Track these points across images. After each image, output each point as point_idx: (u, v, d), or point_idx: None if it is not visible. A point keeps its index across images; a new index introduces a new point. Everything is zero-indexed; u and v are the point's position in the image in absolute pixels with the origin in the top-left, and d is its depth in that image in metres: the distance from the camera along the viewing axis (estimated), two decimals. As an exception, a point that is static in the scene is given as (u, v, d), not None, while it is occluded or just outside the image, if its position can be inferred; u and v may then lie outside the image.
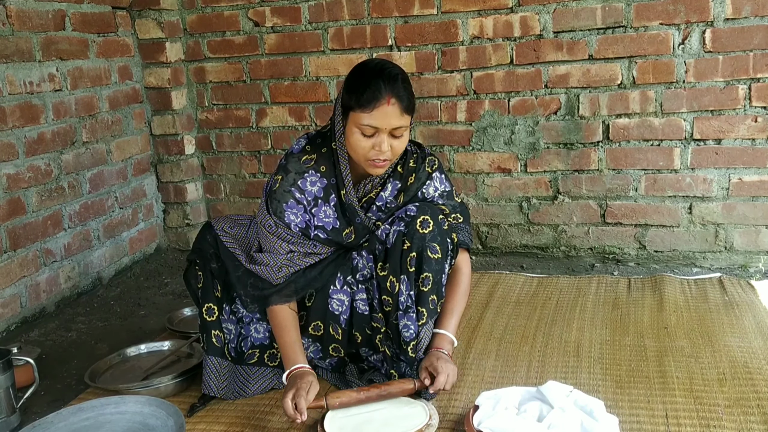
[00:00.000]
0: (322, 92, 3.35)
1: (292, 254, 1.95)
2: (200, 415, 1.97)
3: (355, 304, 2.04)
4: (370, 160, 1.85)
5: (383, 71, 1.83)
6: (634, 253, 3.10)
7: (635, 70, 2.94)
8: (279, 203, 1.95)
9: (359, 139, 1.83)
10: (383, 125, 1.80)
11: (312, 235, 1.97)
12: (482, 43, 3.10)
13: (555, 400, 1.72)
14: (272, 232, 1.95)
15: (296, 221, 1.95)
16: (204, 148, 3.62)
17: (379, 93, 1.78)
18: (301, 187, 1.95)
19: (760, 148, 2.87)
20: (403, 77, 1.85)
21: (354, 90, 1.83)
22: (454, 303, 2.01)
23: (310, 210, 1.96)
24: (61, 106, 2.95)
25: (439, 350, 1.93)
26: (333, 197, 1.97)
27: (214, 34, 3.44)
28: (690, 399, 1.89)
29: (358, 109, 1.81)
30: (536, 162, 3.14)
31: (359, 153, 1.86)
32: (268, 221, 1.95)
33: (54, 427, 1.77)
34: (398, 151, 1.87)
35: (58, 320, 2.83)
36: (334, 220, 1.98)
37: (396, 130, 1.83)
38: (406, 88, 1.83)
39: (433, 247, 1.91)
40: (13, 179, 2.71)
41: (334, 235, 1.99)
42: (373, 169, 1.88)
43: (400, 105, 1.80)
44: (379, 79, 1.80)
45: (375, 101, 1.79)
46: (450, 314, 2.00)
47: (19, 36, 2.74)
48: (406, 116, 1.83)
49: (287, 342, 1.93)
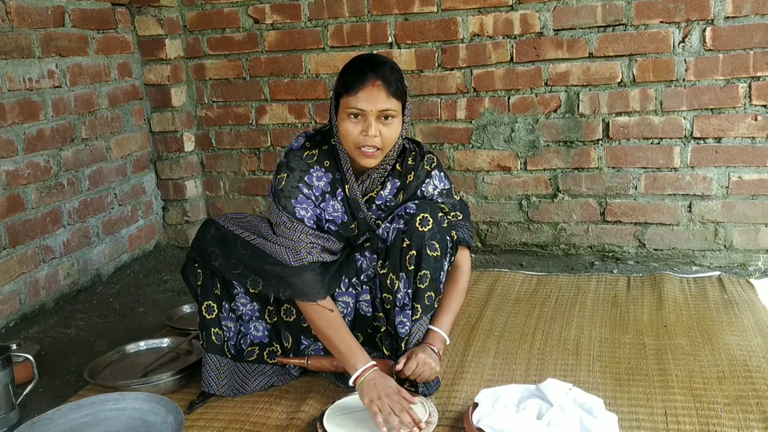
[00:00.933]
0: (322, 89, 3.35)
1: (311, 245, 1.93)
2: (199, 412, 1.97)
3: (358, 305, 2.05)
4: (360, 147, 1.85)
5: (372, 59, 1.89)
6: (633, 251, 3.10)
7: (635, 69, 2.94)
8: (288, 200, 1.93)
9: (348, 125, 1.85)
10: (369, 107, 1.82)
11: (325, 228, 1.97)
12: (482, 41, 3.09)
13: (554, 398, 1.73)
14: (289, 227, 1.93)
15: (308, 216, 1.94)
16: (203, 145, 3.61)
17: (365, 76, 1.82)
18: (308, 182, 1.95)
19: (760, 146, 2.87)
20: (392, 65, 1.89)
21: (342, 76, 1.87)
22: (450, 300, 2.02)
23: (319, 204, 1.96)
24: (60, 102, 2.94)
25: (429, 345, 1.94)
26: (339, 191, 1.98)
27: (213, 31, 3.44)
28: (689, 397, 1.89)
29: (345, 93, 1.84)
30: (536, 160, 3.14)
31: (349, 141, 1.87)
32: (282, 218, 1.93)
33: (53, 424, 1.77)
34: (388, 138, 1.87)
35: (58, 317, 2.83)
36: (342, 215, 1.98)
37: (384, 113, 1.83)
38: (393, 73, 1.86)
39: (433, 245, 1.91)
40: (12, 176, 2.71)
41: (343, 229, 1.99)
42: (364, 159, 1.87)
43: (386, 88, 1.83)
44: (366, 65, 1.85)
45: (360, 83, 1.82)
46: (445, 312, 2.00)
47: (19, 32, 2.73)
48: (393, 100, 1.84)
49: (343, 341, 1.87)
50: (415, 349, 1.92)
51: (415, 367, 1.87)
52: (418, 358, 1.87)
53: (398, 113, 1.87)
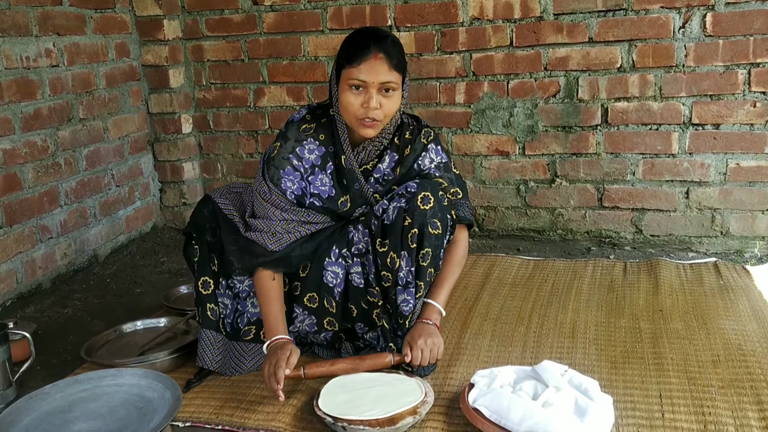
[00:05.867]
0: (321, 72, 3.34)
1: (285, 222, 1.96)
2: (196, 390, 1.98)
3: (350, 277, 2.04)
4: (360, 119, 1.87)
5: (375, 31, 1.91)
6: (630, 237, 3.11)
7: (635, 54, 2.93)
8: (276, 170, 1.96)
9: (349, 96, 1.87)
10: (371, 79, 1.84)
11: (307, 203, 1.99)
12: (482, 25, 3.08)
13: (550, 379, 1.73)
14: (266, 198, 1.96)
15: (292, 188, 1.96)
16: (201, 127, 3.60)
17: (367, 48, 1.84)
18: (299, 154, 1.97)
19: (758, 133, 2.87)
20: (393, 38, 1.91)
21: (345, 48, 1.89)
22: (445, 273, 2.02)
23: (306, 177, 1.98)
24: (57, 81, 2.93)
25: (425, 321, 1.95)
26: (330, 165, 1.99)
27: (212, 12, 3.42)
28: (684, 380, 1.90)
29: (347, 65, 1.86)
30: (534, 145, 3.14)
31: (350, 111, 1.88)
32: (263, 188, 1.97)
33: (51, 398, 1.78)
34: (388, 110, 1.89)
35: (54, 297, 2.83)
36: (330, 189, 1.99)
37: (385, 85, 1.85)
38: (395, 46, 1.88)
39: (434, 223, 1.91)
40: (9, 154, 2.70)
41: (329, 203, 2.00)
42: (363, 129, 1.89)
43: (388, 60, 1.84)
44: (369, 38, 1.86)
45: (363, 56, 1.83)
46: (441, 284, 2.01)
47: (16, 10, 2.71)
48: (395, 72, 1.86)
49: (271, 313, 1.94)
50: (413, 333, 1.93)
51: (421, 355, 1.88)
52: (419, 345, 1.88)
53: (399, 86, 1.89)
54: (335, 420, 1.70)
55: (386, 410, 1.72)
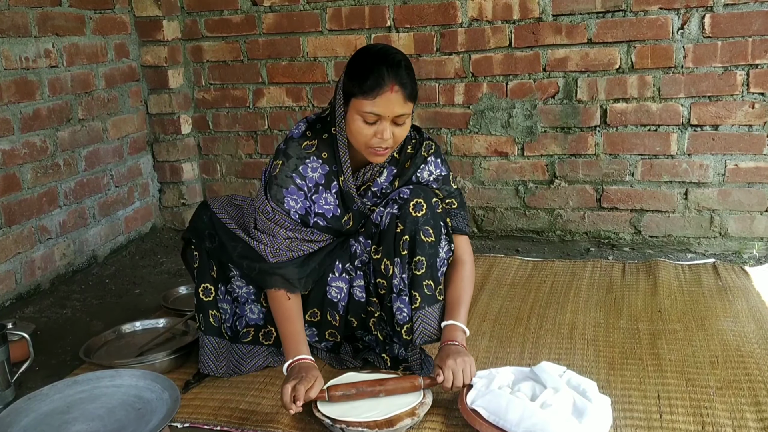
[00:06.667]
0: (320, 73, 3.34)
1: (290, 240, 1.93)
2: (195, 391, 1.98)
3: (352, 290, 2.03)
4: (372, 147, 1.82)
5: (386, 57, 1.79)
6: (629, 238, 3.11)
7: (634, 55, 2.93)
8: (279, 189, 1.91)
9: (361, 127, 1.80)
10: (386, 113, 1.77)
11: (311, 223, 1.95)
12: (481, 26, 3.09)
13: (548, 380, 1.73)
14: (270, 218, 1.92)
15: (296, 207, 1.92)
16: (200, 127, 3.60)
17: (383, 80, 1.74)
18: (302, 173, 1.92)
19: (757, 134, 2.87)
20: (407, 63, 1.81)
21: (356, 76, 1.78)
22: (459, 292, 1.94)
23: (310, 197, 1.93)
24: (57, 82, 2.93)
25: (451, 343, 1.85)
26: (334, 184, 1.94)
27: (211, 12, 3.42)
28: (682, 381, 1.90)
29: (360, 96, 1.77)
30: (533, 146, 3.14)
31: (360, 141, 1.82)
32: (266, 207, 1.92)
33: (49, 399, 1.78)
34: (400, 138, 1.84)
35: (53, 297, 2.83)
36: (335, 208, 1.95)
37: (399, 117, 1.79)
38: (409, 74, 1.79)
39: (426, 230, 1.88)
40: (8, 155, 2.70)
41: (333, 222, 1.96)
42: (373, 157, 1.85)
43: (403, 92, 1.76)
44: (383, 66, 1.75)
45: (378, 88, 1.74)
46: (457, 304, 1.93)
47: (15, 11, 2.72)
48: (409, 104, 1.79)
49: (292, 331, 1.89)
50: (443, 355, 1.82)
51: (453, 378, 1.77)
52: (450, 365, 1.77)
53: (411, 112, 1.83)
54: (334, 421, 1.70)
55: (384, 411, 1.72)
